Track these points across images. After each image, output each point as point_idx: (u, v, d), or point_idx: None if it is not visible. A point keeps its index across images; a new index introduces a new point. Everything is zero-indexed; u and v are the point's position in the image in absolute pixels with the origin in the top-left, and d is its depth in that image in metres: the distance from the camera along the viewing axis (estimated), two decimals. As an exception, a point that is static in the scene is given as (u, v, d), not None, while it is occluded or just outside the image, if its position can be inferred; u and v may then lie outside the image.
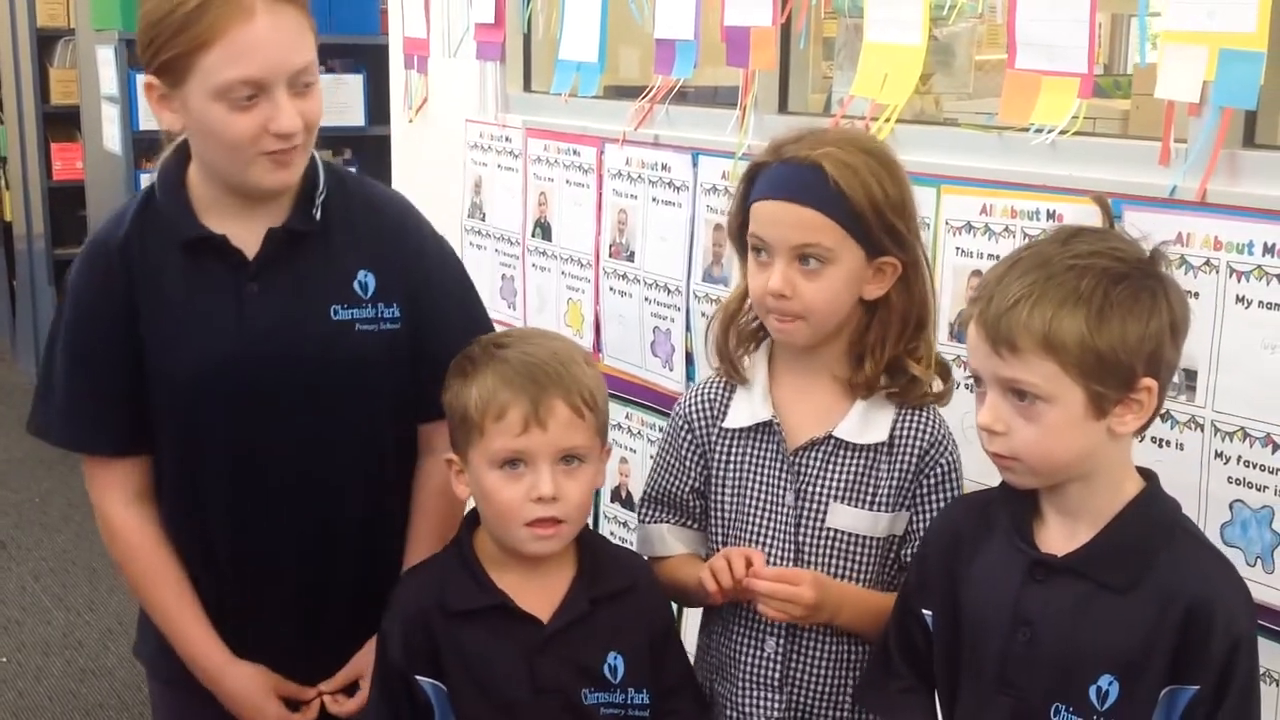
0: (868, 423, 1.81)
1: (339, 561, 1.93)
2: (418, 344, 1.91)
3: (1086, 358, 1.46)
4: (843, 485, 1.81)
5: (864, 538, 1.81)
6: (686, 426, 1.91)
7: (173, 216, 1.84)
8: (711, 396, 1.91)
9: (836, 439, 1.81)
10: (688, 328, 2.75)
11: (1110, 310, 1.46)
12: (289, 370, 1.84)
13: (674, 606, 1.91)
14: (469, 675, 1.71)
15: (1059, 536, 1.57)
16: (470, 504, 1.83)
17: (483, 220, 3.41)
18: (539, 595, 1.75)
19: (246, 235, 1.84)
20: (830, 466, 1.81)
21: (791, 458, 1.82)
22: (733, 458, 1.87)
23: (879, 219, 1.74)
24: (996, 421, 1.52)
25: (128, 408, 1.86)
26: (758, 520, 1.84)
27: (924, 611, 1.68)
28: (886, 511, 1.81)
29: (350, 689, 1.95)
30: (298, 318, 1.85)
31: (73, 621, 4.31)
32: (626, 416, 2.95)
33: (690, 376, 2.75)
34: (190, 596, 1.91)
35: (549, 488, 1.69)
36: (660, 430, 2.78)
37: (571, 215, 3.08)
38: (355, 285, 1.88)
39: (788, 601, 1.72)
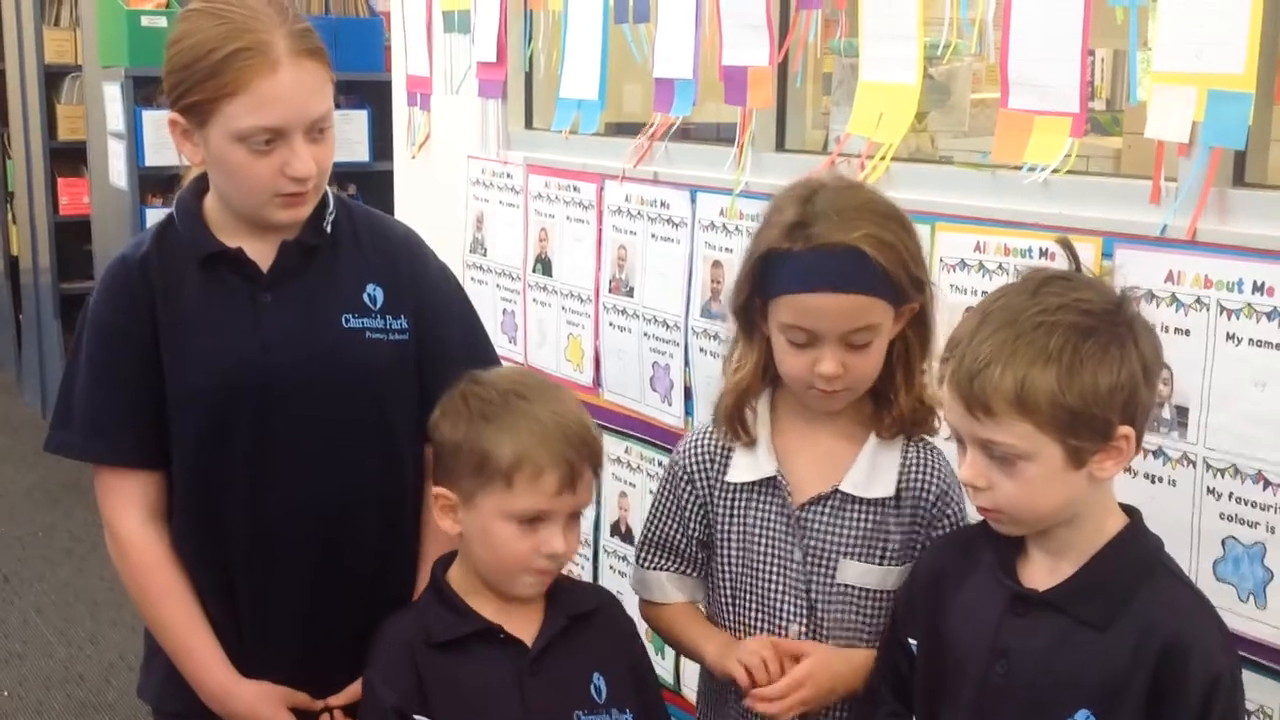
0: (874, 472, 1.80)
1: (351, 576, 1.95)
2: (421, 364, 1.96)
3: (1060, 415, 1.46)
4: (852, 541, 1.80)
5: (875, 591, 1.81)
6: (687, 479, 1.89)
7: (191, 236, 1.91)
8: (711, 448, 1.88)
9: (843, 494, 1.80)
10: (686, 363, 2.76)
11: (1080, 367, 1.46)
12: (303, 377, 1.88)
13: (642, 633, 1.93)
14: (460, 706, 1.72)
15: (1042, 572, 1.58)
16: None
17: (484, 255, 3.43)
18: (517, 621, 1.77)
19: (261, 250, 1.91)
20: (838, 521, 1.80)
21: (798, 513, 1.81)
22: (736, 512, 1.85)
23: (910, 278, 1.74)
24: (978, 478, 1.54)
25: (148, 420, 1.90)
26: (767, 577, 1.83)
27: (909, 640, 1.69)
28: (896, 565, 1.80)
29: (354, 709, 1.93)
30: (310, 325, 1.90)
31: (74, 655, 4.31)
32: (626, 451, 2.96)
33: (689, 411, 2.76)
34: (199, 616, 1.92)
35: (563, 546, 1.73)
36: (660, 465, 2.81)
37: (572, 251, 3.10)
38: (364, 297, 1.94)
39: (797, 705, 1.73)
